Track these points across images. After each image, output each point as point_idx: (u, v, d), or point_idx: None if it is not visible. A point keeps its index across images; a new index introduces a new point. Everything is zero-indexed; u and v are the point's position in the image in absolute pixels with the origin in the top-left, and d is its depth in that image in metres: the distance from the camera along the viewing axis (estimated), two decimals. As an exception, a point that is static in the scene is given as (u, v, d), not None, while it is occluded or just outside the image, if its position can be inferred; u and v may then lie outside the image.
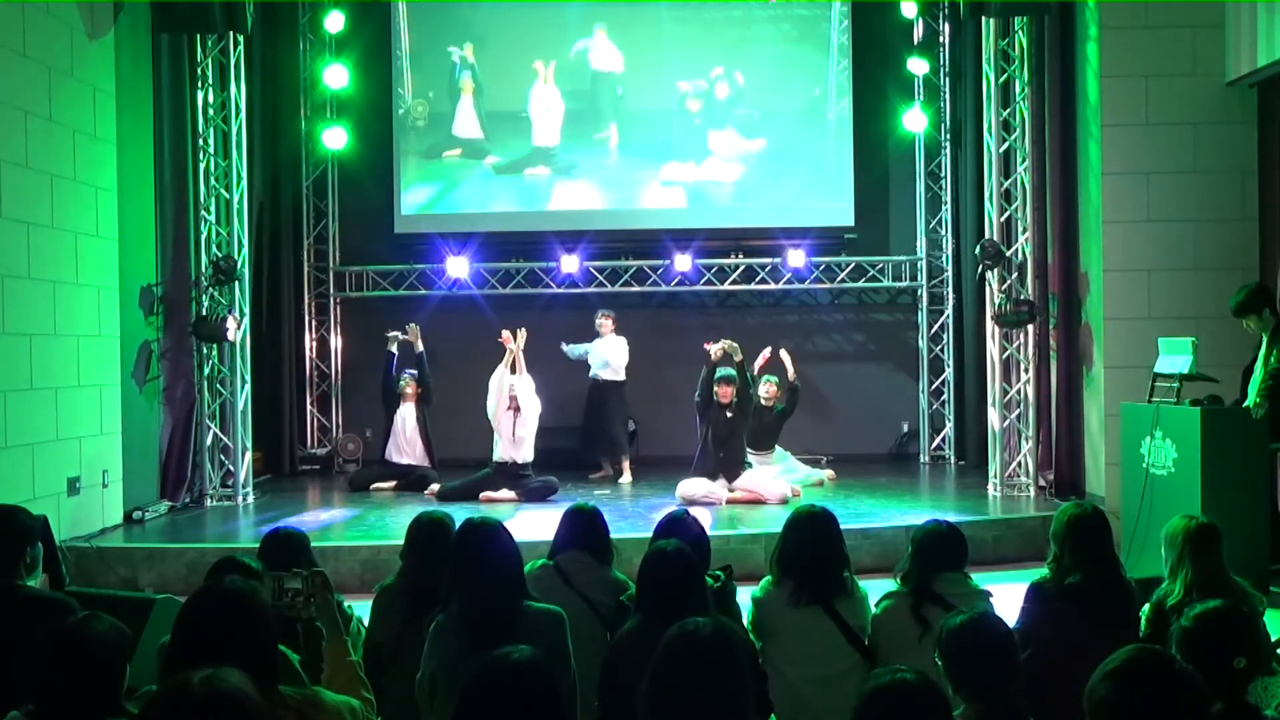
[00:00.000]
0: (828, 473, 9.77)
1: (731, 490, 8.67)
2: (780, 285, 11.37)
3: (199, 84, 9.16)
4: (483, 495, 8.87)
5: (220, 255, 9.11)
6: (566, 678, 3.18)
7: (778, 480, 8.96)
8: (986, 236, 9.28)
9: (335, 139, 10.95)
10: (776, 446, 9.71)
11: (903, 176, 11.57)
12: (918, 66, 11.02)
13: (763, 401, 9.49)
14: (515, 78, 11.15)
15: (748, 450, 9.04)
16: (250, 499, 9.25)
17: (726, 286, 11.38)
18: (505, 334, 9.14)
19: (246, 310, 9.35)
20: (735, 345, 8.96)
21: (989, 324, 9.37)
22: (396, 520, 7.91)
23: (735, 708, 2.44)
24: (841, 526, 4.04)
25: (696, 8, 11.14)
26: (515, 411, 9.08)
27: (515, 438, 9.08)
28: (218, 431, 9.27)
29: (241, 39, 9.20)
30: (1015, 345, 9.26)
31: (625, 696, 2.78)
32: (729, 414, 8.78)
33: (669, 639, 2.51)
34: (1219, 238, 8.26)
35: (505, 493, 8.92)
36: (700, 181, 11.19)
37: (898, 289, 11.60)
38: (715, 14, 11.19)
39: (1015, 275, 9.16)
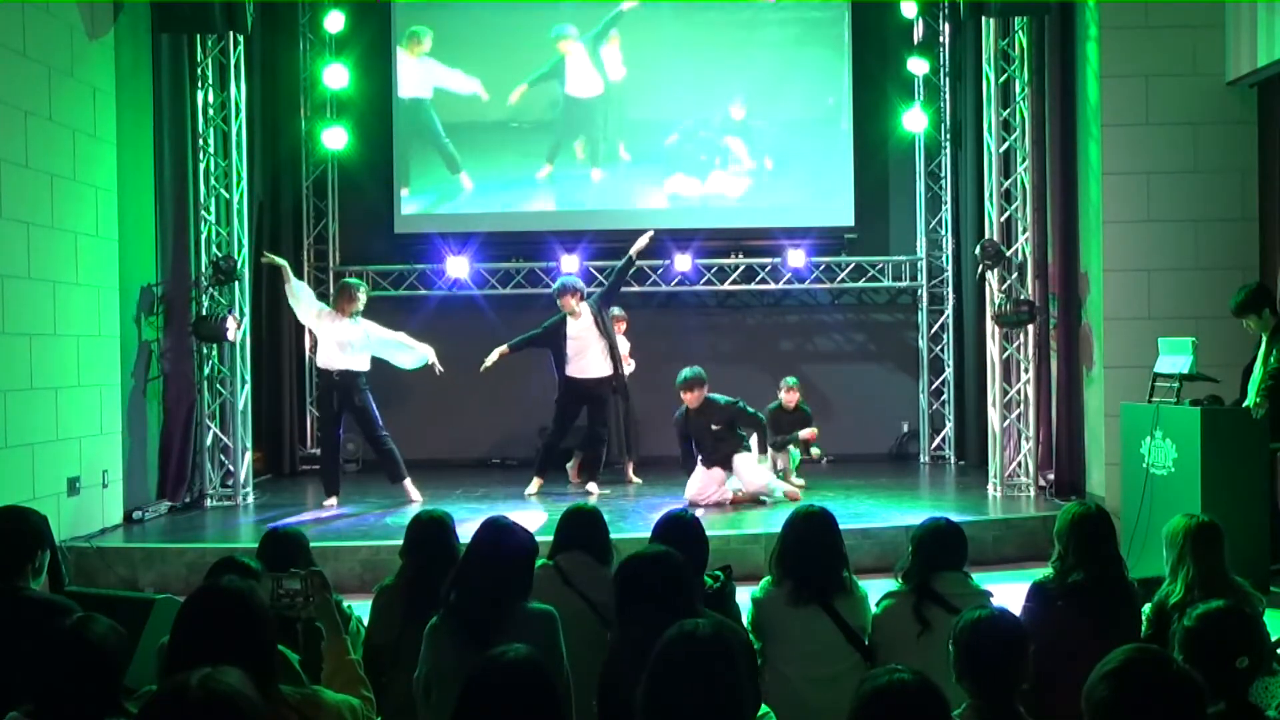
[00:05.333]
0: (792, 488, 9.03)
1: (733, 480, 8.60)
2: (780, 285, 11.36)
3: (199, 84, 9.14)
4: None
5: (220, 255, 9.10)
6: (560, 677, 3.18)
7: (761, 469, 8.69)
8: (986, 236, 9.27)
9: (335, 139, 10.94)
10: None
11: (903, 176, 11.55)
12: (918, 66, 11.01)
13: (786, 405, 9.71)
14: (513, 78, 11.13)
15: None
16: (250, 499, 9.24)
17: (726, 286, 11.37)
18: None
19: (246, 310, 9.34)
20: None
21: (989, 324, 9.36)
22: (396, 520, 7.91)
23: (733, 708, 2.44)
24: (841, 526, 4.05)
25: (700, 8, 11.11)
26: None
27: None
28: (218, 431, 9.26)
29: (241, 39, 9.19)
30: (1015, 345, 9.25)
31: (625, 711, 2.77)
32: (710, 428, 8.65)
33: (667, 639, 2.51)
34: (1219, 238, 8.25)
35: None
36: (705, 188, 11.17)
37: (898, 289, 11.59)
38: (719, 14, 11.13)
39: (1015, 275, 9.15)
